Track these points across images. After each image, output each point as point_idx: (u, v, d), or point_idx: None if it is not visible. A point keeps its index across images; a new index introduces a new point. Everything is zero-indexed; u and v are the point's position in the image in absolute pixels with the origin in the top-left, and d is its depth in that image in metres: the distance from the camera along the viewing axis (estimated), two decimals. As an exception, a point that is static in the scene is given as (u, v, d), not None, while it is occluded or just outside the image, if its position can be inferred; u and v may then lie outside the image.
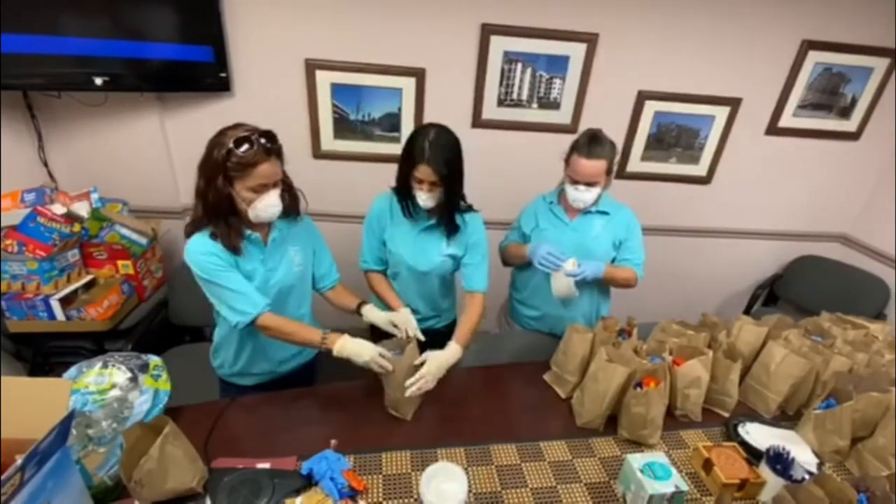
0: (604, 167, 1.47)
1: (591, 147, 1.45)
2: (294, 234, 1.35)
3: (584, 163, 1.46)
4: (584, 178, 1.48)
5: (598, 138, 1.47)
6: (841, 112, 2.41)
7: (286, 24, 2.01)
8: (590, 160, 1.45)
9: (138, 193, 2.17)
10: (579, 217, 1.61)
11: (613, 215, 1.61)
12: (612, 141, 1.50)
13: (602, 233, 1.60)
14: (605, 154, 1.46)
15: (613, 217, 1.61)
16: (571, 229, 1.61)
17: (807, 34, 2.20)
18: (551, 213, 1.65)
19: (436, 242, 1.49)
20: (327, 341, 1.26)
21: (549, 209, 1.65)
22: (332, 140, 2.25)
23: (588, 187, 1.50)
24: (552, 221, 1.64)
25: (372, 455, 1.16)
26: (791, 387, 1.37)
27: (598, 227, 1.60)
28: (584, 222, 1.61)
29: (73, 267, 1.84)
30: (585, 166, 1.46)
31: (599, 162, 1.46)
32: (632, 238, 1.62)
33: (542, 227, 1.64)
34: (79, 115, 2.06)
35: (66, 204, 1.85)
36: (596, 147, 1.45)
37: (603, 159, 1.46)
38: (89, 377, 1.13)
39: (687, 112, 2.34)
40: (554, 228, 1.63)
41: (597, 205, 1.58)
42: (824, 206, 2.68)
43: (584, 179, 1.49)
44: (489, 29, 2.06)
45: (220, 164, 1.10)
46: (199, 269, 1.19)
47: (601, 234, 1.60)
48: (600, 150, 1.45)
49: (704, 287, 2.90)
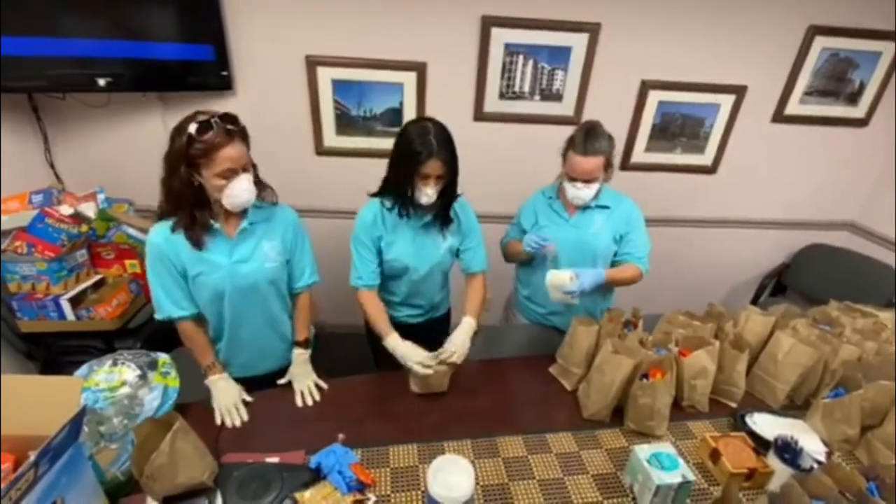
0: (601, 163, 1.43)
1: (587, 143, 1.41)
2: (272, 228, 1.31)
3: (580, 160, 1.42)
4: (581, 175, 1.45)
5: (594, 133, 1.42)
6: (848, 98, 2.37)
7: (286, 21, 2.01)
8: (586, 157, 1.41)
9: (143, 193, 2.18)
10: (579, 213, 1.57)
11: (614, 209, 1.56)
12: (609, 134, 1.45)
13: (603, 228, 1.56)
14: (602, 149, 1.42)
15: (614, 211, 1.56)
16: (571, 225, 1.58)
17: (813, 19, 2.16)
18: (550, 210, 1.61)
19: (434, 239, 1.47)
20: (210, 371, 1.31)
21: (548, 205, 1.62)
22: (334, 136, 2.25)
23: (586, 184, 1.46)
24: (552, 218, 1.61)
25: (379, 448, 1.17)
26: (799, 376, 1.36)
27: (598, 222, 1.56)
28: (584, 218, 1.57)
29: (81, 267, 1.87)
30: (582, 163, 1.42)
31: (596, 158, 1.42)
32: (634, 231, 1.58)
33: (542, 224, 1.61)
34: (83, 116, 2.08)
35: (73, 205, 1.87)
36: (592, 143, 1.41)
37: (600, 155, 1.42)
38: (100, 375, 1.15)
39: (691, 101, 2.31)
40: (554, 225, 1.60)
41: (597, 199, 1.54)
42: (832, 194, 2.65)
43: (582, 176, 1.45)
44: (490, 21, 2.05)
45: (182, 151, 1.09)
46: (146, 256, 1.23)
47: (602, 229, 1.56)
48: (597, 145, 1.41)
49: (711, 277, 2.88)
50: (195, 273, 1.23)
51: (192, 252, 1.21)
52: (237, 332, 1.36)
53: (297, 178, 2.33)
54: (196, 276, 1.24)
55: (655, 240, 2.72)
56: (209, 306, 1.31)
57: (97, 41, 1.83)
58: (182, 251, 1.21)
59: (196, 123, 1.07)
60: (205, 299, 1.29)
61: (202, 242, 1.20)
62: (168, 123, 2.15)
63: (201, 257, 1.22)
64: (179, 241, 1.19)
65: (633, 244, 1.58)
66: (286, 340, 1.45)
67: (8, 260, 1.71)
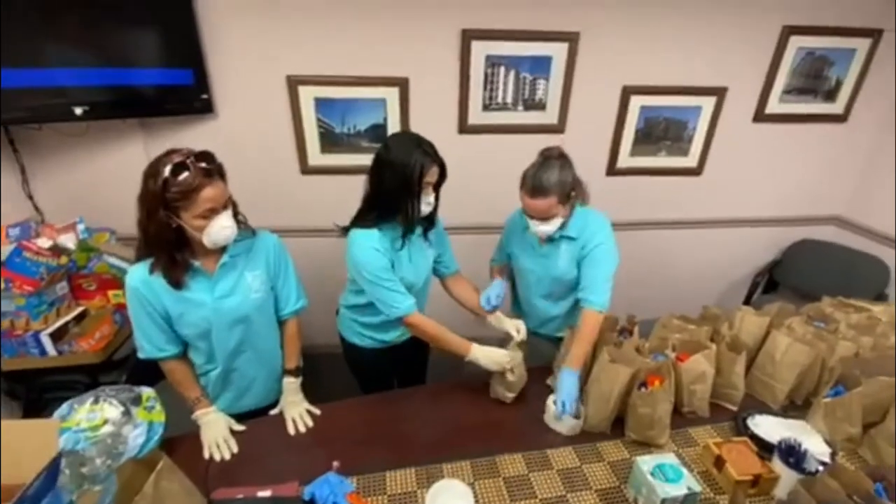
0: (552, 202, 1.33)
1: (533, 184, 1.32)
2: (253, 258, 1.27)
3: (528, 201, 1.35)
4: (532, 214, 1.38)
5: (543, 171, 1.31)
6: (826, 95, 2.41)
7: (265, 41, 2.00)
8: (534, 199, 1.33)
9: (126, 221, 2.11)
10: (548, 244, 1.49)
11: (579, 239, 1.45)
12: (565, 165, 1.34)
13: (570, 260, 1.48)
14: (550, 189, 1.31)
15: (579, 241, 1.46)
16: (541, 256, 1.52)
17: (787, 19, 2.20)
18: (524, 238, 1.55)
19: (421, 250, 1.45)
20: (197, 405, 1.27)
21: (522, 234, 1.54)
22: (318, 155, 2.24)
23: (542, 221, 1.38)
24: (523, 247, 1.56)
25: (376, 475, 1.14)
26: (798, 376, 1.35)
27: (564, 254, 1.48)
28: (552, 249, 1.49)
29: (62, 300, 1.81)
30: (530, 204, 1.35)
31: (545, 200, 1.32)
32: (590, 266, 1.43)
33: (516, 254, 1.58)
34: (61, 145, 2.04)
35: (52, 237, 1.82)
36: (539, 183, 1.31)
37: (550, 195, 1.32)
38: (81, 414, 1.10)
39: (673, 104, 2.33)
40: (524, 255, 1.56)
41: (563, 229, 1.44)
42: (817, 190, 2.68)
43: (534, 216, 1.38)
44: (470, 34, 2.05)
45: (158, 195, 1.04)
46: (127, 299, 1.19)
47: (569, 261, 1.48)
48: (545, 185, 1.31)
49: (703, 278, 2.88)
50: (178, 313, 1.20)
51: (172, 292, 1.17)
52: (230, 364, 1.32)
53: (283, 199, 2.31)
54: (179, 316, 1.20)
55: (644, 244, 2.73)
56: (197, 342, 1.27)
57: (74, 70, 1.80)
58: (162, 293, 1.17)
59: (171, 165, 1.03)
60: (191, 336, 1.25)
61: (182, 283, 1.16)
62: (150, 148, 2.12)
63: (182, 297, 1.18)
64: (158, 283, 1.15)
65: (587, 282, 1.43)
66: (278, 371, 1.41)
67: (-15, 297, 1.66)
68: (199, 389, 1.30)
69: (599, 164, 2.45)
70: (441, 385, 1.56)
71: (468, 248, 1.84)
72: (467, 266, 1.69)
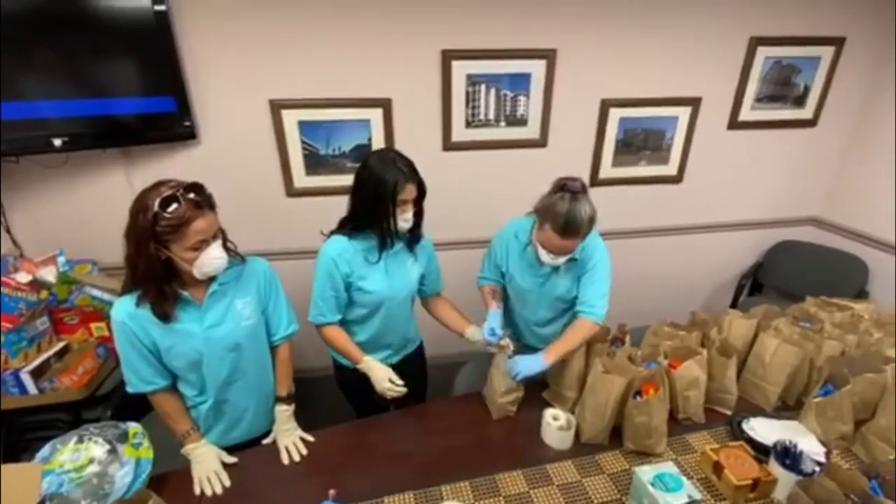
0: (578, 244, 1.33)
1: (566, 227, 1.27)
2: (242, 285, 1.25)
3: (556, 240, 1.30)
4: (557, 252, 1.35)
5: (575, 218, 1.26)
6: (795, 101, 2.50)
7: (247, 66, 2.01)
8: (565, 239, 1.29)
9: (108, 251, 2.08)
10: (548, 266, 1.47)
11: (581, 261, 1.45)
12: (592, 206, 1.30)
13: (571, 280, 1.49)
14: (583, 230, 1.29)
15: (580, 261, 1.46)
16: (541, 276, 1.51)
17: (753, 31, 2.29)
18: (522, 257, 1.52)
19: (403, 264, 1.45)
20: (186, 439, 1.24)
21: (520, 251, 1.52)
22: (303, 177, 2.23)
23: (560, 255, 1.37)
24: (521, 266, 1.53)
25: (374, 501, 1.11)
26: (788, 376, 1.37)
27: (566, 275, 1.48)
28: (552, 271, 1.49)
29: (42, 335, 1.76)
30: (558, 244, 1.31)
31: (576, 241, 1.31)
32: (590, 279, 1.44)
33: (513, 275, 1.56)
34: (40, 178, 2.00)
35: (31, 271, 1.78)
36: (574, 227, 1.27)
37: (580, 237, 1.31)
38: (64, 455, 1.07)
39: (651, 115, 2.39)
40: (524, 277, 1.54)
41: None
42: (793, 192, 2.75)
43: (557, 253, 1.35)
44: (449, 55, 2.09)
45: (148, 229, 1.02)
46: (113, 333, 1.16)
47: (571, 280, 1.49)
48: (578, 229, 1.28)
49: (690, 284, 2.93)
50: (167, 346, 1.17)
51: (160, 325, 1.14)
52: (221, 395, 1.29)
53: (270, 222, 2.29)
54: (169, 349, 1.17)
55: (631, 252, 2.76)
56: (188, 374, 1.24)
57: (53, 102, 1.78)
58: (149, 326, 1.14)
59: (160, 198, 1.01)
60: (182, 368, 1.22)
61: (171, 315, 1.13)
62: (132, 177, 2.10)
63: (172, 329, 1.15)
64: (145, 316, 1.13)
65: (586, 297, 1.44)
66: (270, 399, 1.38)
67: (-39, 336, 1.61)
68: (190, 422, 1.27)
69: (582, 176, 2.45)
70: (435, 404, 1.54)
71: (454, 262, 1.85)
72: (453, 281, 1.69)
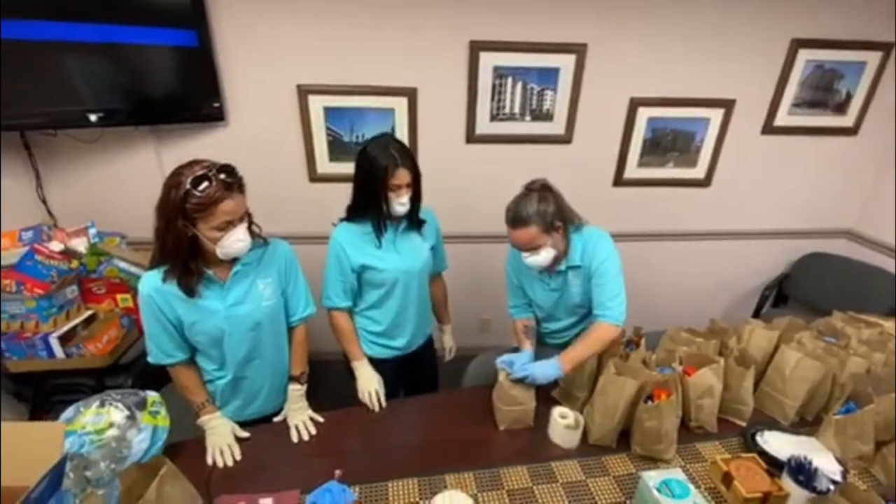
0: (534, 232, 1.32)
1: (513, 218, 1.33)
2: (265, 266, 1.29)
3: (510, 232, 1.36)
4: (516, 245, 1.38)
5: (519, 209, 1.32)
6: (836, 108, 2.40)
7: (277, 51, 2.03)
8: (515, 230, 1.34)
9: (136, 225, 2.15)
10: (556, 277, 1.48)
11: (585, 265, 1.43)
12: (543, 201, 1.32)
13: (582, 286, 1.46)
14: (528, 220, 1.31)
15: (584, 265, 1.43)
16: (554, 290, 1.51)
17: (795, 33, 2.20)
18: (531, 274, 1.52)
19: (414, 241, 1.49)
20: (202, 410, 1.28)
21: (528, 270, 1.50)
22: (327, 163, 2.26)
23: (531, 252, 1.37)
24: (531, 279, 1.54)
25: (378, 485, 1.13)
26: (808, 392, 1.33)
27: (575, 282, 1.46)
28: (562, 281, 1.48)
29: (71, 303, 1.83)
30: (512, 235, 1.36)
31: (525, 231, 1.32)
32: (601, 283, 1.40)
33: (527, 288, 1.57)
34: (75, 151, 2.08)
35: (64, 240, 1.85)
36: (519, 214, 1.32)
37: (529, 226, 1.31)
38: (86, 417, 1.11)
39: (681, 116, 2.33)
40: (537, 290, 1.55)
41: (566, 261, 1.43)
42: (827, 203, 2.65)
43: (519, 248, 1.38)
44: (478, 46, 2.07)
45: (178, 205, 1.05)
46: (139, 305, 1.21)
47: (582, 287, 1.46)
48: (524, 216, 1.31)
49: (711, 291, 2.86)
50: (190, 321, 1.21)
51: (185, 300, 1.18)
52: (240, 372, 1.32)
53: (291, 206, 2.33)
54: (192, 324, 1.21)
55: (651, 255, 2.71)
56: (210, 349, 1.28)
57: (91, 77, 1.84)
58: (175, 301, 1.18)
59: (193, 176, 1.05)
60: (204, 343, 1.26)
61: (195, 291, 1.17)
62: (161, 155, 2.16)
63: (196, 305, 1.19)
64: (171, 292, 1.17)
65: (600, 298, 1.40)
66: (284, 379, 1.41)
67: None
68: (206, 394, 1.31)
69: (606, 175, 2.45)
70: (444, 395, 1.55)
71: (472, 256, 1.85)
72: (472, 274, 1.69)
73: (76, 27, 1.73)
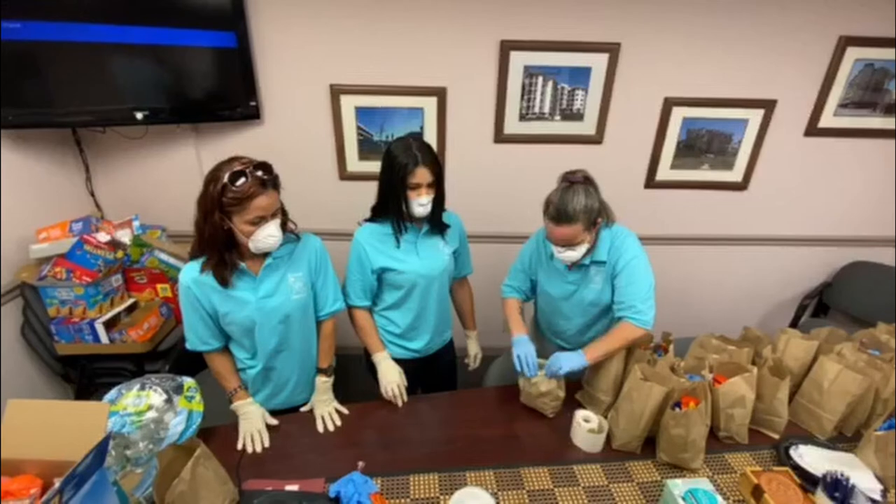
0: (577, 229, 1.27)
1: (559, 211, 1.27)
2: (296, 260, 1.33)
3: (552, 227, 1.30)
4: (556, 242, 1.33)
5: (567, 198, 1.26)
6: (886, 109, 2.27)
7: (311, 52, 2.08)
8: (559, 227, 1.28)
9: (176, 219, 2.27)
10: (577, 270, 1.45)
11: (610, 261, 1.39)
12: (589, 195, 1.28)
13: (604, 284, 1.42)
14: (575, 218, 1.26)
15: (610, 264, 1.40)
16: (570, 283, 1.47)
17: (843, 30, 2.10)
18: (549, 263, 1.50)
19: (436, 245, 1.49)
20: (235, 396, 1.33)
21: (548, 261, 1.50)
22: (357, 161, 2.30)
23: (567, 247, 1.33)
24: (550, 272, 1.51)
25: (400, 477, 1.15)
26: (848, 405, 1.27)
27: (596, 278, 1.43)
28: (582, 276, 1.45)
29: (116, 291, 1.94)
30: (554, 231, 1.30)
31: (570, 228, 1.27)
32: (626, 283, 1.36)
33: (543, 282, 1.54)
34: (121, 147, 2.19)
35: (110, 232, 1.96)
36: (565, 210, 1.26)
37: (575, 224, 1.27)
38: (128, 399, 1.18)
39: (717, 117, 2.26)
40: (554, 283, 1.51)
41: (592, 255, 1.39)
42: (873, 209, 2.51)
43: (558, 243, 1.33)
44: (508, 45, 2.07)
45: (215, 198, 1.11)
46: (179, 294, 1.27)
47: (603, 285, 1.43)
48: (570, 212, 1.25)
49: (745, 298, 2.75)
50: (224, 311, 1.26)
51: (220, 291, 1.23)
52: (270, 362, 1.37)
53: (322, 203, 2.38)
54: (226, 314, 1.27)
55: (684, 259, 2.64)
56: (242, 339, 1.33)
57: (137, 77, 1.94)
58: (211, 291, 1.24)
59: (231, 172, 1.10)
60: (237, 333, 1.32)
61: (228, 281, 1.23)
62: (200, 152, 2.25)
63: (229, 295, 1.25)
64: (208, 283, 1.23)
65: (626, 298, 1.36)
66: (312, 371, 1.45)
67: (48, 285, 1.80)
68: (238, 381, 1.36)
69: (638, 177, 2.39)
70: (467, 393, 1.56)
71: (498, 256, 1.84)
72: (498, 275, 1.69)
73: (124, 30, 1.81)
